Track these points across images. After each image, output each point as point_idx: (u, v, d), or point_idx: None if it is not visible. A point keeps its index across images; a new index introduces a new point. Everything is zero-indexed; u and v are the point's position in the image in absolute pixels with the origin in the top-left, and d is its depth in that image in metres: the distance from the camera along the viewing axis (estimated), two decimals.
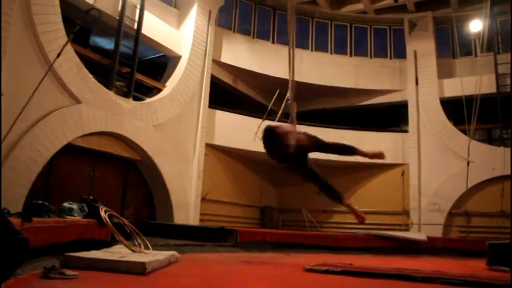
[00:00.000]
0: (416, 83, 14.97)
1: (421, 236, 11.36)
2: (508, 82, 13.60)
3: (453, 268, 6.98)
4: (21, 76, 7.95)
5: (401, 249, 10.62)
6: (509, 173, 12.20)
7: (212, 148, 13.18)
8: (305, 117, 15.42)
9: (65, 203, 6.52)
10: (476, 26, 14.46)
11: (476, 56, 14.96)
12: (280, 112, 10.74)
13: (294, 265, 6.44)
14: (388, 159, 14.75)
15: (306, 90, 15.05)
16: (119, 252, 5.32)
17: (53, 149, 8.55)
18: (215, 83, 13.70)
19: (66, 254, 4.69)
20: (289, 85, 6.69)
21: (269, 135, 5.83)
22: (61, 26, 8.78)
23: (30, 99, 7.25)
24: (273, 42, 15.66)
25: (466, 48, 15.50)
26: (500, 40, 14.63)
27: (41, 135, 8.29)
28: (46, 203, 5.72)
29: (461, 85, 13.01)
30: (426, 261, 8.61)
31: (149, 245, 6.30)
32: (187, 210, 11.97)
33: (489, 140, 14.74)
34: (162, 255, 5.42)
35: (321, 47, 16.23)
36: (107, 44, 11.56)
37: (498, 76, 13.83)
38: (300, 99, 14.76)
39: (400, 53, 15.92)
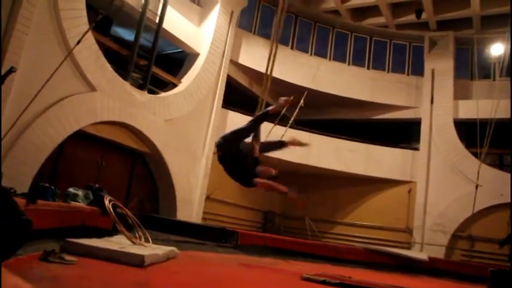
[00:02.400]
0: (432, 102, 14.88)
1: (423, 256, 11.26)
2: None
3: None
4: (41, 59, 8.02)
5: (401, 267, 10.53)
6: None
7: None
8: (316, 126, 15.43)
9: (70, 188, 6.57)
10: (497, 49, 14.35)
11: (494, 79, 14.84)
12: (292, 118, 10.74)
13: (291, 273, 6.42)
14: (396, 176, 14.72)
15: (319, 99, 15.06)
16: (119, 242, 5.34)
17: (64, 134, 8.62)
18: (230, 83, 13.73)
19: (67, 239, 4.72)
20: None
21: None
22: (84, 13, 8.86)
23: (46, 82, 7.31)
24: (292, 48, 15.66)
25: (485, 71, 15.38)
26: None
27: (53, 119, 8.36)
28: (52, 187, 5.76)
29: (477, 108, 12.94)
30: (425, 282, 8.55)
31: (150, 238, 6.31)
32: (190, 207, 11.99)
33: (500, 165, 14.58)
34: (161, 249, 5.43)
35: (339, 57, 16.20)
36: (128, 35, 11.64)
37: None
38: (313, 107, 14.90)
39: (417, 70, 15.85)
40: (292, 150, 13.25)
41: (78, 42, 7.63)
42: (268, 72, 6.59)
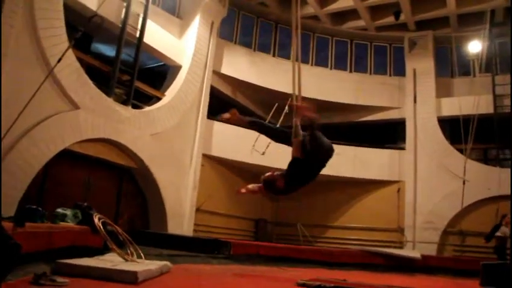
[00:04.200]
0: (415, 101, 15.04)
1: (415, 254, 11.34)
2: (506, 103, 13.70)
3: (446, 287, 6.96)
4: (22, 79, 7.95)
5: (395, 266, 10.59)
6: (504, 193, 12.26)
7: (209, 159, 13.16)
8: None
9: (58, 208, 6.50)
10: (475, 46, 14.58)
11: (474, 76, 15.05)
12: (278, 125, 10.77)
13: (286, 279, 6.41)
14: (384, 176, 14.82)
15: None
16: (111, 260, 5.29)
17: (49, 154, 8.52)
18: (214, 94, 13.73)
19: (58, 260, 4.66)
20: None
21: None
22: (63, 31, 8.81)
23: (28, 102, 7.22)
24: (273, 55, 15.73)
25: (465, 68, 15.61)
26: (498, 61, 14.75)
27: (38, 139, 8.27)
28: (40, 208, 5.69)
29: (459, 105, 13.09)
30: (420, 280, 8.59)
31: (142, 254, 6.26)
32: (181, 220, 11.92)
33: (485, 160, 14.76)
34: (154, 264, 5.39)
35: (321, 62, 16.31)
36: (108, 51, 11.60)
37: (496, 97, 13.93)
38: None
39: (399, 70, 16.01)
40: (279, 157, 13.31)
41: (59, 60, 7.56)
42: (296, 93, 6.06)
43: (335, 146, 5.03)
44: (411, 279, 8.71)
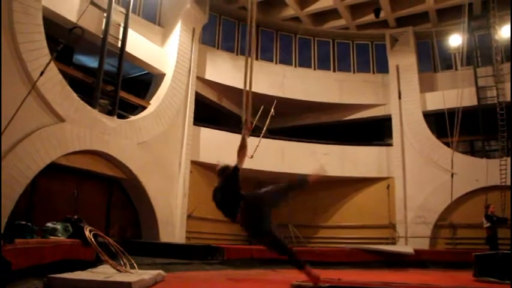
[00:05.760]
0: (399, 97, 15.16)
1: (408, 249, 11.40)
2: (489, 95, 13.88)
3: (440, 281, 7.00)
4: (4, 94, 7.84)
5: (388, 262, 10.63)
6: (492, 183, 12.44)
7: (197, 165, 13.12)
8: (288, 133, 15.53)
9: (48, 223, 6.43)
10: (455, 40, 14.74)
11: (456, 69, 15.22)
12: (264, 128, 10.76)
13: (281, 281, 6.39)
14: (373, 173, 14.89)
15: (290, 106, 15.17)
16: (104, 272, 5.23)
17: (36, 169, 8.44)
18: (200, 100, 13.71)
19: (50, 275, 4.60)
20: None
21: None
22: (44, 44, 8.75)
23: (12, 118, 7.15)
24: (256, 58, 15.74)
25: (447, 62, 15.79)
26: (479, 54, 14.95)
27: (23, 155, 8.18)
28: (29, 224, 5.62)
29: (443, 98, 13.25)
30: (414, 274, 8.63)
31: (135, 264, 6.21)
32: (173, 228, 11.86)
33: (472, 152, 14.93)
34: (148, 274, 5.34)
35: (304, 63, 16.39)
36: (91, 62, 11.53)
37: (478, 89, 14.10)
38: (284, 115, 15.00)
39: (382, 67, 16.14)
40: (267, 160, 13.32)
41: (41, 73, 7.49)
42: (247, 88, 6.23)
43: (322, 146, 5.12)
44: (405, 274, 8.75)
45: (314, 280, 4.69)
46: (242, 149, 5.07)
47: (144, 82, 12.92)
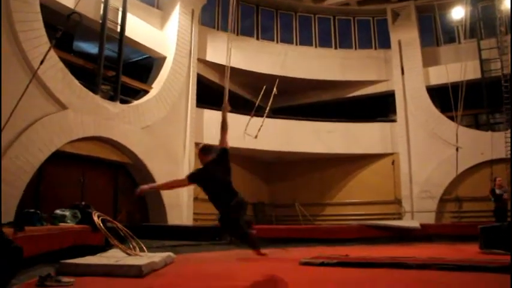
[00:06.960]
0: (402, 73, 15.05)
1: (414, 224, 11.46)
2: (493, 67, 13.75)
3: (447, 254, 7.05)
4: (5, 84, 7.84)
5: (395, 238, 10.71)
6: (497, 156, 12.40)
7: None
8: (292, 112, 15.49)
9: (57, 210, 6.49)
10: (458, 13, 14.51)
11: (459, 42, 15.05)
12: (267, 108, 10.75)
13: (289, 259, 6.46)
14: (378, 149, 14.90)
15: (292, 85, 15.09)
16: (114, 256, 5.30)
17: (41, 157, 8.48)
18: (202, 81, 13.66)
19: (61, 261, 4.67)
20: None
21: None
22: (43, 32, 8.69)
23: (15, 108, 7.15)
24: (257, 38, 15.64)
25: (450, 35, 15.59)
26: (482, 26, 14.75)
27: (28, 144, 8.21)
28: (38, 212, 5.68)
29: (447, 72, 13.14)
30: (421, 249, 8.69)
31: (144, 247, 6.29)
32: (180, 210, 11.94)
33: (476, 125, 14.85)
34: (157, 257, 5.41)
35: (305, 41, 16.24)
36: (91, 48, 11.46)
37: (482, 61, 13.97)
38: (287, 94, 14.94)
39: (384, 43, 15.98)
40: (271, 140, 13.32)
41: (42, 62, 7.46)
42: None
43: (326, 124, 5.11)
44: (412, 248, 8.81)
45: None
46: (224, 127, 5.07)
47: (145, 66, 12.86)
